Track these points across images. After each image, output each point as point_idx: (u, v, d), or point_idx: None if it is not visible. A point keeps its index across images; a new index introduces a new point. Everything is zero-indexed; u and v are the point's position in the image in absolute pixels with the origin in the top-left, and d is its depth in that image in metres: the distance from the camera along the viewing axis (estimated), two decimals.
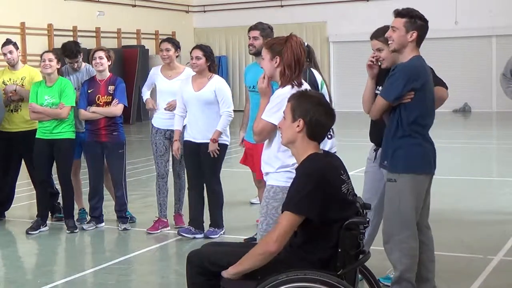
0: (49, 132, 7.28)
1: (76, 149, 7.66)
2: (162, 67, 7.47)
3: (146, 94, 7.67)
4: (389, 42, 4.76)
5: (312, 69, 6.16)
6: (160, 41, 7.64)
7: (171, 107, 7.23)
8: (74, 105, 7.32)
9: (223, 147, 6.97)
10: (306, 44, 6.34)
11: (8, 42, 7.90)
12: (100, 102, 7.30)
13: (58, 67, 7.38)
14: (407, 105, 4.65)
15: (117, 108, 7.28)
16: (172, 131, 7.16)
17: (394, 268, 4.81)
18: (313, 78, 6.01)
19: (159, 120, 7.39)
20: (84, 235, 7.41)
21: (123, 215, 7.49)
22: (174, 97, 7.17)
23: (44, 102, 7.25)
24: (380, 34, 5.08)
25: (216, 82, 6.94)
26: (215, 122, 6.87)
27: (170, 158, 7.50)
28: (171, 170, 7.54)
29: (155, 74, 7.49)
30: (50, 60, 7.24)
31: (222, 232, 7.12)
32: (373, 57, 4.94)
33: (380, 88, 4.98)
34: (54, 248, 7.12)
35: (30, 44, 18.35)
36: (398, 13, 4.74)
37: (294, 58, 4.44)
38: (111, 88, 7.32)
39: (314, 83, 5.89)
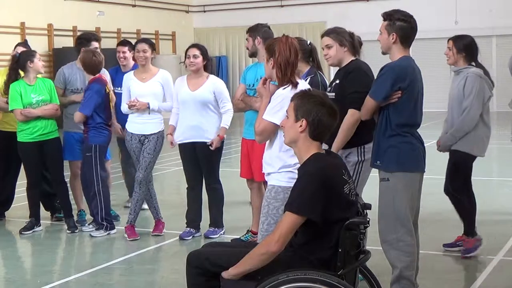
0: (40, 134, 7.26)
1: (78, 150, 7.65)
2: (136, 71, 7.31)
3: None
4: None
5: (320, 72, 6.18)
6: (136, 41, 7.42)
7: (133, 107, 7.04)
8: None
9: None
10: (309, 42, 6.37)
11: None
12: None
13: None
14: (395, 105, 4.71)
15: (75, 116, 7.22)
16: (145, 135, 7.10)
17: (393, 267, 4.82)
18: (324, 82, 6.05)
19: (134, 124, 7.17)
20: (84, 235, 7.40)
21: (98, 221, 7.33)
22: (148, 100, 7.05)
23: (32, 100, 7.22)
24: (330, 31, 5.32)
25: (214, 82, 6.91)
26: (210, 121, 6.86)
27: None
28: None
29: (129, 79, 7.24)
30: (41, 60, 7.30)
31: (222, 232, 7.12)
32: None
33: (329, 89, 5.31)
34: (54, 248, 7.11)
35: (30, 44, 18.29)
36: (382, 16, 4.85)
37: (282, 60, 4.47)
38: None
39: (325, 86, 5.92)
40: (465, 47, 6.18)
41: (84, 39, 7.92)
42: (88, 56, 7.21)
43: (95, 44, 7.81)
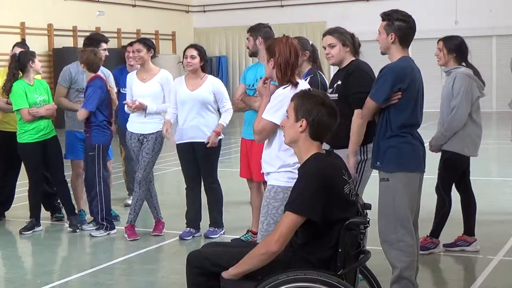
0: (43, 133, 7.30)
1: (80, 149, 7.66)
2: (138, 71, 7.34)
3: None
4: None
5: (319, 72, 6.19)
6: (135, 40, 7.54)
7: (131, 107, 7.07)
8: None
9: (217, 144, 6.95)
10: (311, 43, 6.39)
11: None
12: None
13: None
14: (395, 106, 4.71)
15: (79, 113, 7.22)
16: (144, 135, 7.12)
17: (393, 267, 4.82)
18: (324, 81, 6.07)
19: (133, 124, 7.21)
20: (84, 235, 7.40)
21: (98, 221, 7.35)
22: (147, 100, 7.07)
23: (36, 100, 7.27)
24: (333, 31, 5.31)
25: (213, 83, 6.93)
26: (209, 121, 6.88)
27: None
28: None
29: (131, 79, 7.27)
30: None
31: (222, 232, 7.12)
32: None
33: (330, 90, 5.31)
34: (54, 248, 7.11)
35: (30, 44, 18.29)
36: (381, 17, 4.86)
37: (282, 60, 4.47)
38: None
39: (325, 86, 5.93)
40: (456, 48, 6.21)
41: (95, 40, 7.94)
42: (90, 55, 7.26)
43: (104, 46, 7.88)
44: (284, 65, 4.48)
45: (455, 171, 6.26)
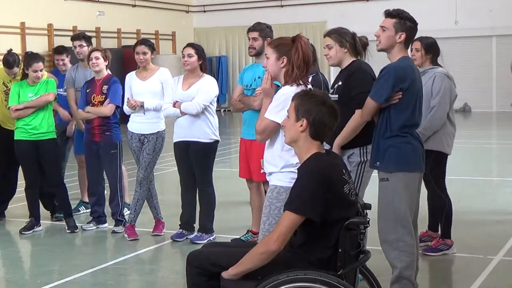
0: (33, 133, 7.29)
1: (82, 145, 7.69)
2: (137, 70, 7.31)
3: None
4: (376, 42, 4.84)
5: (320, 72, 6.20)
6: (136, 42, 7.44)
7: (131, 105, 7.06)
8: (56, 95, 7.44)
9: (213, 145, 6.89)
10: (310, 43, 6.38)
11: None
12: (95, 101, 7.29)
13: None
14: (396, 106, 4.71)
15: (106, 108, 7.22)
16: (145, 135, 7.12)
17: (393, 267, 4.82)
18: (326, 81, 6.08)
19: (134, 124, 7.21)
20: (84, 235, 7.41)
21: (117, 218, 7.44)
22: (148, 98, 7.07)
23: (28, 99, 7.28)
24: (332, 32, 5.29)
25: (203, 80, 6.83)
26: (203, 120, 6.80)
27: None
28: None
29: (130, 80, 7.26)
30: (41, 70, 7.31)
31: (211, 238, 6.90)
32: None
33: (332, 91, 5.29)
34: (54, 248, 7.10)
35: (30, 44, 18.33)
36: (389, 14, 4.84)
37: (303, 59, 4.45)
38: (105, 87, 7.28)
39: (327, 85, 5.94)
40: (433, 48, 6.24)
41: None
42: None
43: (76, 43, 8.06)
44: (303, 65, 4.46)
45: (444, 168, 6.25)
